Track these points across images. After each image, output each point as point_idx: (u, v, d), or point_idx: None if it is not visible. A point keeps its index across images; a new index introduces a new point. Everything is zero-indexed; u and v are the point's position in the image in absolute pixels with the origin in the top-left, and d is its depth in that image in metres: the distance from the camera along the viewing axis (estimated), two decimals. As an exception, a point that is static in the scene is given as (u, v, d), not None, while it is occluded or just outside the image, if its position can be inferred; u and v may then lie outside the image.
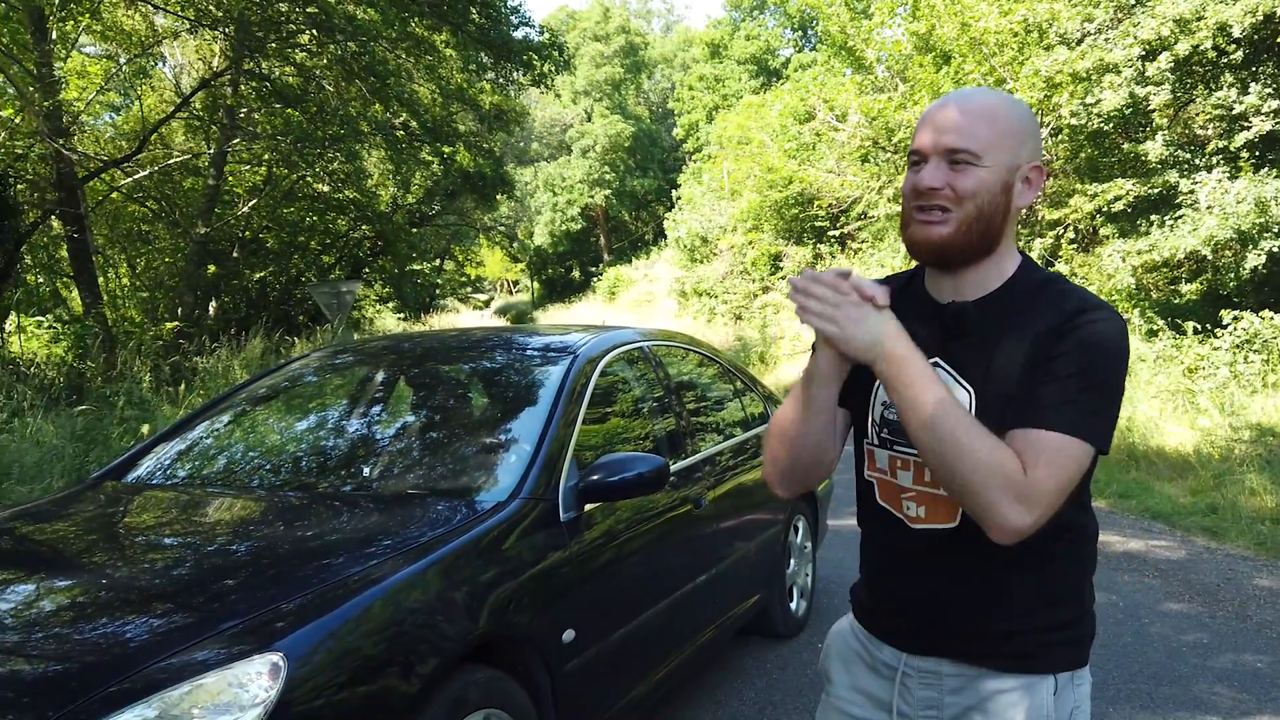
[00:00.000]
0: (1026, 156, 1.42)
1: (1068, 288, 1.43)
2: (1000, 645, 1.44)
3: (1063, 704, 1.44)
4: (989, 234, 1.41)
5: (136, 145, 14.87)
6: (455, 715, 2.10)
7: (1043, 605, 1.44)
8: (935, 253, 1.43)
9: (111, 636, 1.94)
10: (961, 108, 1.41)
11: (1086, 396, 1.33)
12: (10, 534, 2.64)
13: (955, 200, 1.38)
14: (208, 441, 3.35)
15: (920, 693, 1.50)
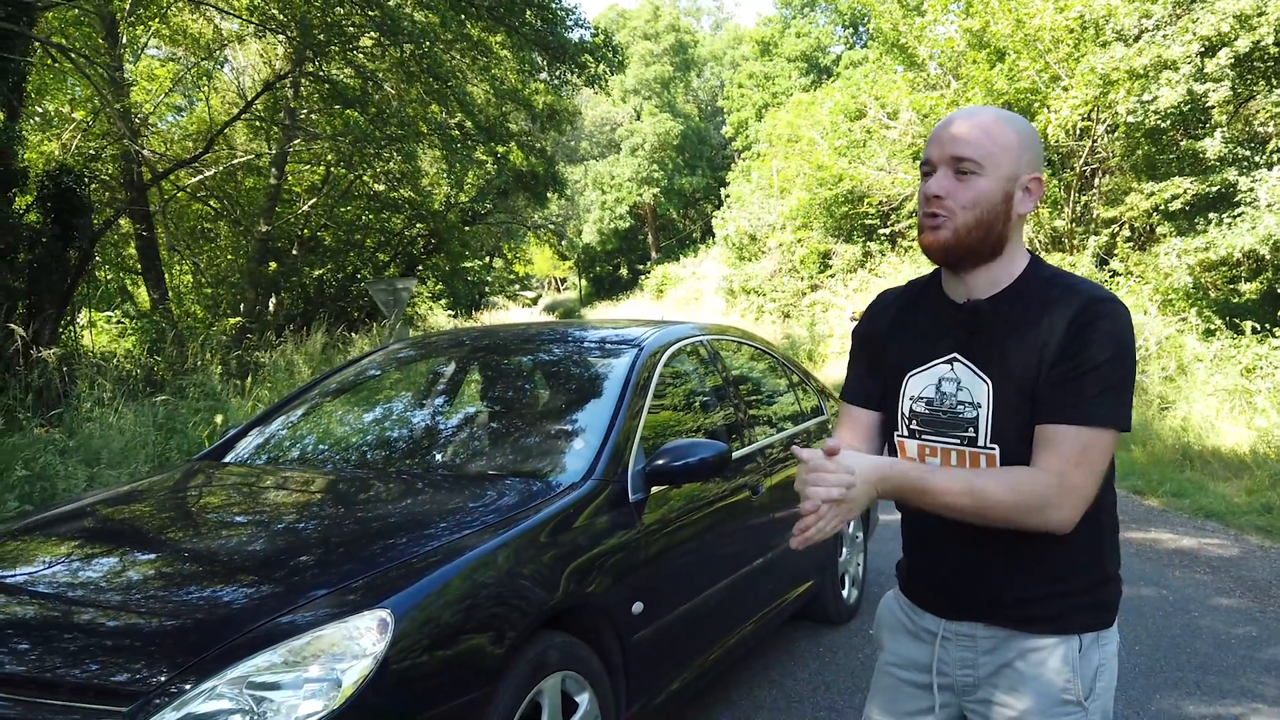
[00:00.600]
0: (1026, 168, 1.56)
1: (1074, 282, 1.57)
2: (1027, 609, 1.59)
3: (1087, 662, 1.58)
4: (990, 239, 1.56)
5: (203, 146, 15.36)
6: (537, 675, 2.28)
7: (1064, 572, 1.58)
8: (941, 255, 1.58)
9: (236, 595, 2.16)
10: (966, 122, 1.56)
11: (1109, 389, 1.49)
12: (130, 509, 2.89)
13: (956, 208, 1.54)
14: (301, 426, 3.59)
15: (957, 654, 1.65)
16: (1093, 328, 1.49)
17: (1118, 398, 1.49)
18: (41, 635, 2.08)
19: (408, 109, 13.74)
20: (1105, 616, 1.62)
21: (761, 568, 3.52)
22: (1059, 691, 1.56)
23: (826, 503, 1.43)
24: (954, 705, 1.68)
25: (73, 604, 2.19)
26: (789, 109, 31.27)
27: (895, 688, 1.74)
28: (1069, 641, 1.57)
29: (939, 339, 1.64)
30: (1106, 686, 1.61)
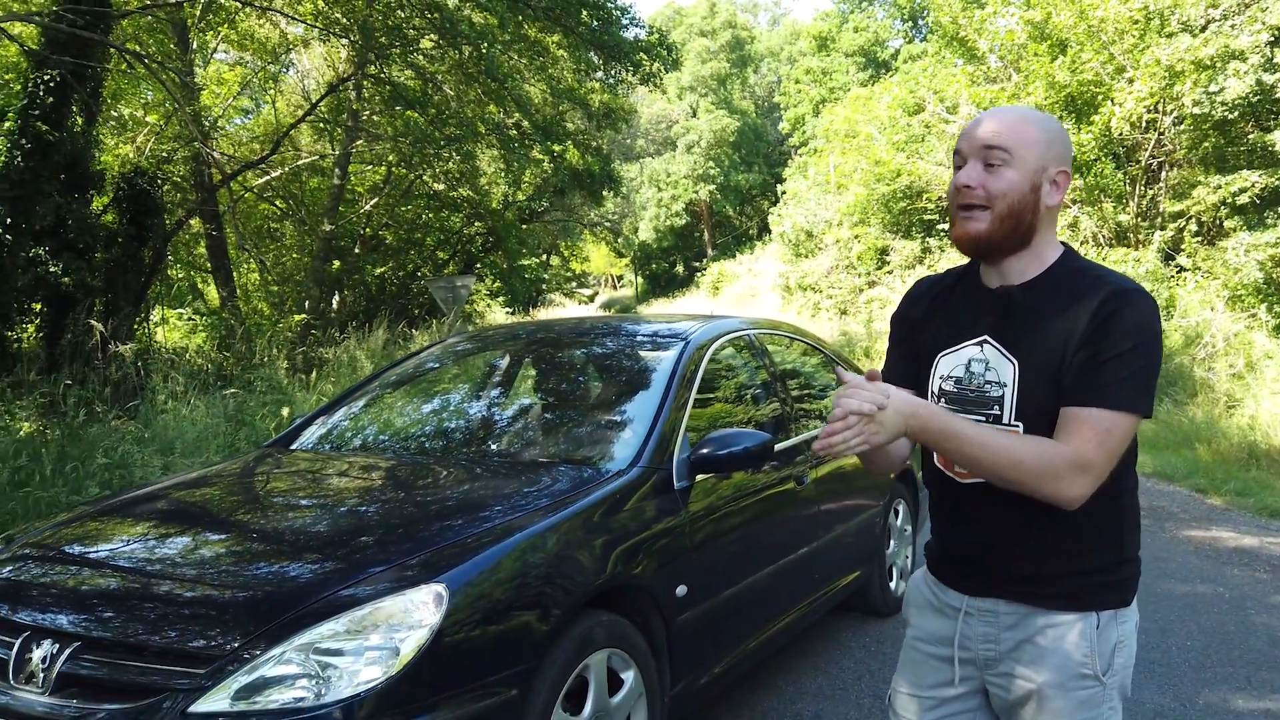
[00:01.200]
0: (1053, 161, 1.63)
1: (1103, 273, 1.63)
2: (1047, 587, 1.64)
3: (1105, 638, 1.63)
4: (1020, 229, 1.63)
5: (270, 148, 15.80)
6: (583, 652, 2.39)
7: (1084, 551, 1.63)
8: (974, 246, 1.65)
9: (302, 570, 2.31)
10: (995, 118, 1.64)
11: (1132, 376, 1.54)
12: (203, 492, 3.07)
13: (989, 199, 1.60)
14: (363, 416, 3.76)
15: (980, 629, 1.71)
16: (1117, 316, 1.55)
17: (1141, 384, 1.55)
18: (126, 604, 2.25)
19: (466, 109, 13.99)
20: (1124, 595, 1.67)
21: (806, 557, 3.59)
22: (1077, 665, 1.62)
23: (855, 415, 1.50)
24: (975, 679, 1.74)
25: (153, 576, 2.36)
26: (846, 104, 30.98)
27: (920, 661, 1.80)
28: (1088, 618, 1.63)
29: (972, 322, 1.71)
30: (1125, 663, 1.66)
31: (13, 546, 2.69)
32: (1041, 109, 15.78)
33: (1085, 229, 17.19)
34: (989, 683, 1.73)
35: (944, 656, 1.76)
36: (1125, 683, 1.68)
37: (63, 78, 8.81)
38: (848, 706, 3.47)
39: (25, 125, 8.88)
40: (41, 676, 2.10)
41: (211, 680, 1.98)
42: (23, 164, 8.91)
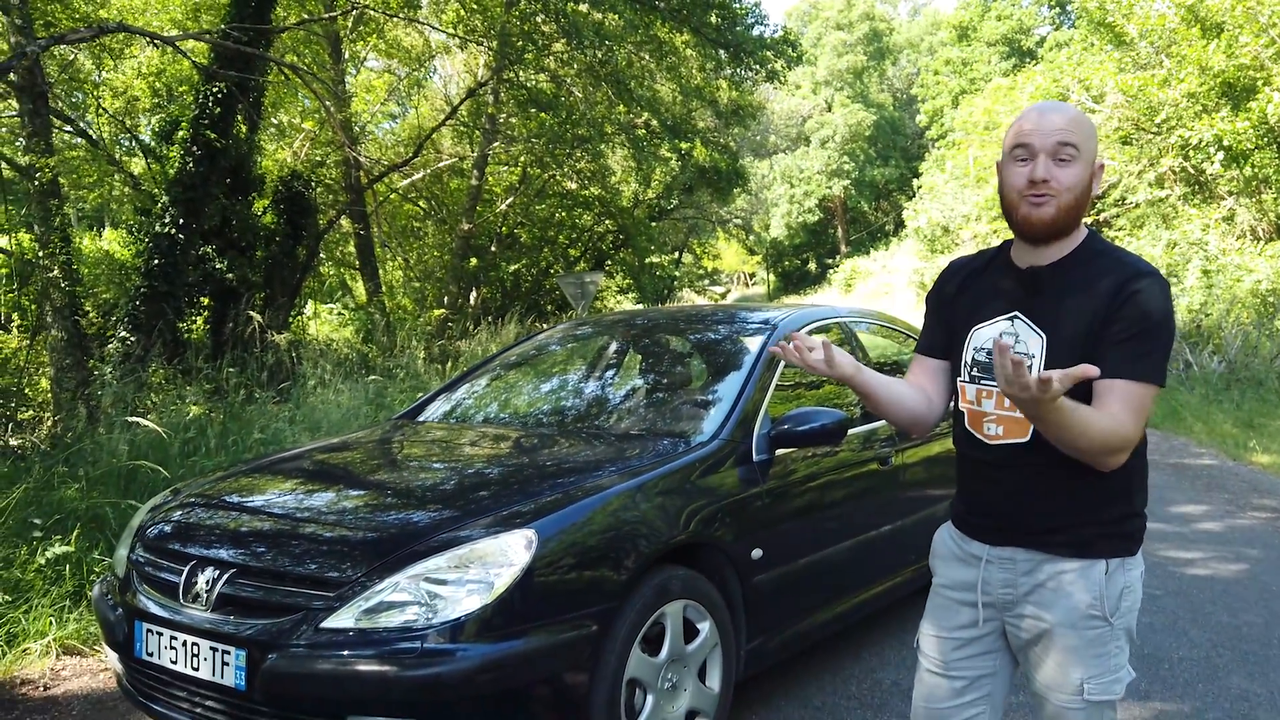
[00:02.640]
0: (1096, 154, 1.80)
1: (1122, 255, 1.80)
2: (1061, 536, 1.82)
3: (1113, 584, 1.80)
4: (1078, 215, 1.80)
5: (413, 151, 16.70)
6: (661, 600, 2.67)
7: (1096, 504, 1.80)
8: (1044, 230, 1.79)
9: (419, 516, 2.68)
10: (1061, 114, 1.78)
11: (1155, 351, 1.72)
12: (342, 455, 3.51)
13: (1058, 189, 1.76)
14: (482, 393, 4.17)
15: (999, 575, 1.89)
16: (1137, 296, 1.72)
17: (1161, 359, 1.73)
18: (273, 540, 2.67)
19: (595, 110, 14.45)
20: (1131, 545, 1.83)
21: (889, 534, 3.76)
22: (1086, 607, 1.80)
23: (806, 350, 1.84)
24: (996, 620, 1.93)
25: (295, 519, 2.78)
26: (986, 95, 30.13)
27: (946, 607, 2.00)
28: (1096, 565, 1.80)
29: (1004, 298, 1.89)
30: (1131, 607, 1.83)
31: (179, 496, 3.17)
32: (1194, 96, 15.02)
33: (1242, 222, 16.31)
34: (1007, 624, 1.92)
35: (968, 601, 1.95)
36: (1131, 625, 1.84)
37: (229, 90, 9.66)
38: (927, 678, 3.62)
39: (196, 134, 9.78)
40: (205, 597, 2.52)
41: (340, 602, 2.35)
42: (194, 169, 9.81)
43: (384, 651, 2.27)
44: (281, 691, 2.32)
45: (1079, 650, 1.81)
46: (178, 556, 2.71)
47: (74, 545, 4.19)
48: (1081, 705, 1.82)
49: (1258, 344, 12.66)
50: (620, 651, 2.53)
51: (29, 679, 3.63)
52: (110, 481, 4.91)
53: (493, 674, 2.29)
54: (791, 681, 3.57)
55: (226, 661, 2.39)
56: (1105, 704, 1.83)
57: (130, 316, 9.54)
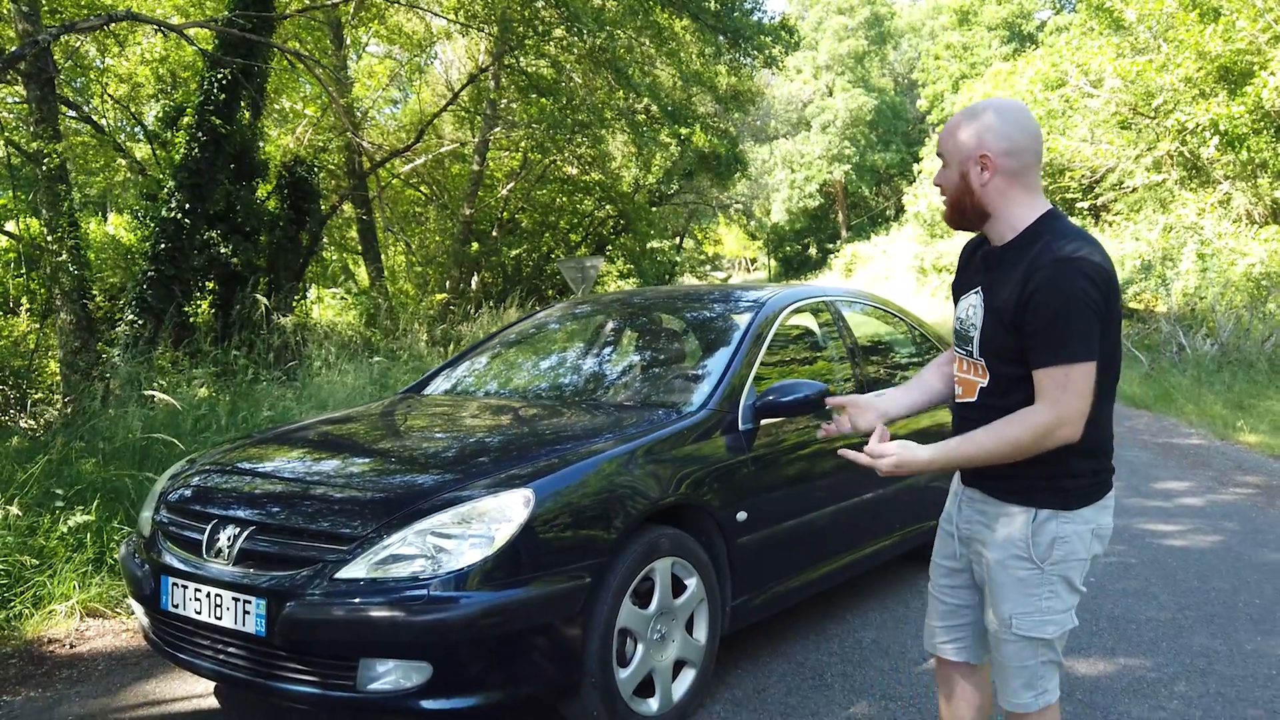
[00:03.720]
0: (974, 149, 1.98)
1: (1049, 242, 1.94)
2: (1005, 483, 2.03)
3: (1043, 532, 2.00)
4: (967, 211, 2.05)
5: (414, 136, 16.84)
6: (650, 556, 2.86)
7: (1034, 460, 1.97)
8: (947, 221, 2.14)
9: (425, 478, 2.87)
10: (948, 125, 2.06)
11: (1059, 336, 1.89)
12: (350, 425, 3.70)
13: (944, 190, 2.07)
14: (482, 368, 4.36)
15: (966, 511, 2.16)
16: (1039, 290, 1.90)
17: (1073, 338, 1.88)
18: (290, 500, 2.87)
19: (595, 96, 14.57)
20: (1066, 500, 2.00)
21: (871, 502, 3.94)
22: (1014, 547, 2.01)
23: None
24: (966, 555, 2.17)
25: (310, 481, 2.98)
26: (986, 80, 30.13)
27: (941, 536, 2.27)
28: (1028, 512, 2.01)
29: (976, 274, 2.12)
30: (1064, 557, 2.00)
31: (197, 465, 3.36)
32: (1192, 80, 15.05)
33: (1238, 205, 16.44)
34: (970, 558, 2.14)
35: (949, 532, 2.23)
36: (1069, 575, 2.02)
37: (233, 76, 9.81)
38: (905, 637, 3.82)
39: (201, 120, 9.94)
40: (227, 552, 2.72)
41: (353, 555, 2.55)
42: (199, 155, 9.98)
43: (393, 599, 2.46)
44: (299, 636, 2.51)
45: (1008, 586, 2.04)
46: (200, 516, 2.90)
47: (94, 515, 4.38)
48: (1011, 638, 2.04)
49: (1250, 326, 12.83)
50: (612, 603, 2.73)
51: (55, 638, 3.84)
52: (126, 455, 5.11)
53: (493, 619, 2.48)
54: (777, 639, 3.77)
55: (248, 610, 2.58)
56: (1036, 641, 2.03)
57: (138, 300, 9.73)
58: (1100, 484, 2.04)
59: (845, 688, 3.32)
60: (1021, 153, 1.98)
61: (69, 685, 3.44)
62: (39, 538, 4.20)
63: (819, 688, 3.32)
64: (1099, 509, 2.03)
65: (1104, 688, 3.31)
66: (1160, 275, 15.68)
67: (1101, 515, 2.04)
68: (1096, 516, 2.03)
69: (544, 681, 2.63)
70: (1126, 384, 12.34)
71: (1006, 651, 2.06)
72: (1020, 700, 2.07)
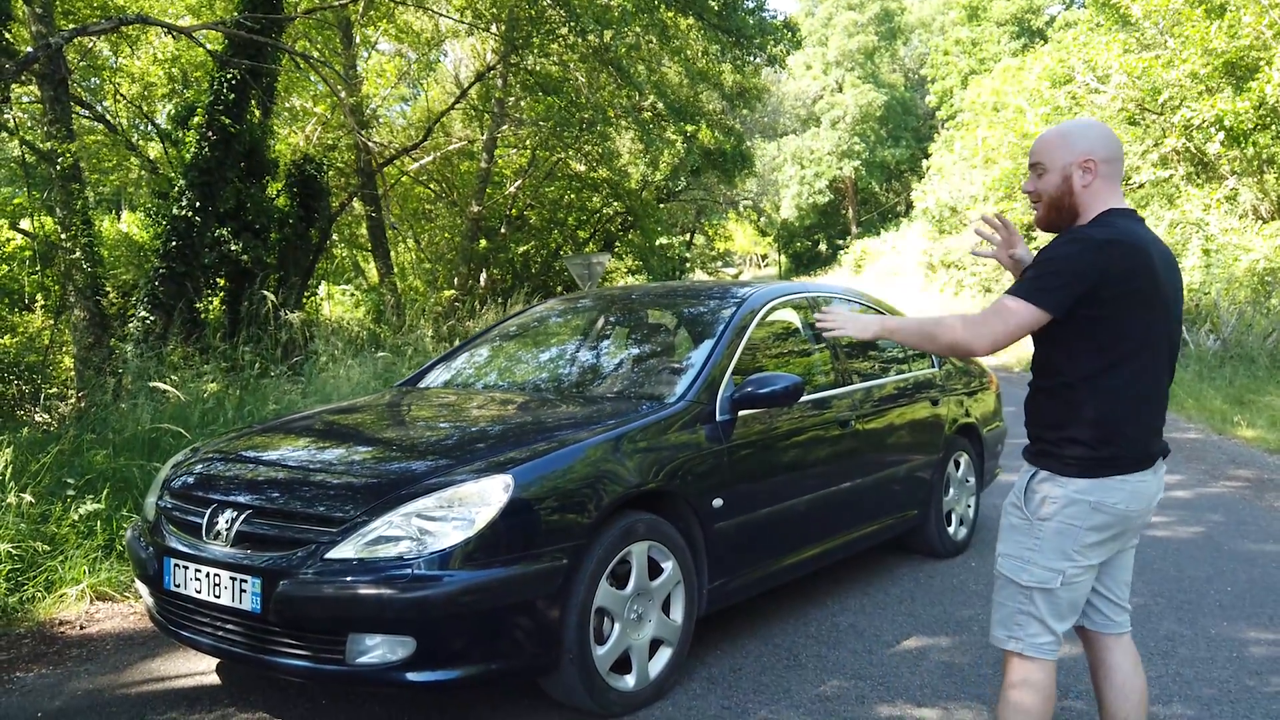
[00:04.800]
0: (1076, 155, 2.24)
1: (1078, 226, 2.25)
2: (1029, 448, 2.36)
3: (1036, 489, 2.27)
4: (1061, 212, 2.30)
5: (423, 134, 17.02)
6: (627, 540, 3.01)
7: (1044, 425, 2.30)
8: (1040, 226, 2.36)
9: (415, 465, 3.03)
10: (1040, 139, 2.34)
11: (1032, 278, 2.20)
12: (348, 416, 3.86)
13: (1037, 197, 2.32)
14: (477, 362, 4.53)
15: None
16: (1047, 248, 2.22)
17: (1033, 281, 2.18)
18: (284, 486, 3.03)
19: (601, 94, 14.70)
20: (1061, 465, 2.23)
21: (849, 491, 4.07)
22: (1015, 496, 2.34)
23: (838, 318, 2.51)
24: None
25: (304, 468, 3.14)
26: (995, 76, 30.11)
27: None
28: (1029, 471, 2.32)
29: None
30: (1053, 515, 2.23)
31: (199, 453, 3.53)
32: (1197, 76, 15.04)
33: (1244, 202, 16.44)
34: None
35: None
36: (1059, 539, 2.23)
37: (242, 76, 9.98)
38: (883, 622, 3.95)
39: (211, 120, 10.12)
40: (225, 535, 2.88)
41: (343, 536, 2.70)
42: (209, 154, 10.16)
43: (380, 577, 2.62)
44: (292, 613, 2.67)
45: (1004, 529, 2.37)
46: (200, 501, 3.06)
47: (104, 503, 4.56)
48: (997, 574, 2.37)
49: (1253, 322, 12.87)
50: (589, 583, 2.88)
51: (66, 620, 4.01)
52: (136, 446, 5.28)
53: (474, 596, 2.63)
54: (757, 622, 3.91)
55: (244, 589, 2.74)
56: (1015, 584, 2.30)
57: (149, 296, 9.93)
58: (1104, 461, 2.21)
59: (818, 667, 3.46)
60: (1115, 160, 2.26)
61: (78, 663, 3.61)
62: (51, 525, 4.37)
63: (793, 667, 3.46)
64: (1100, 485, 2.20)
65: (1066, 668, 3.43)
66: (1164, 271, 15.70)
67: (1105, 492, 2.21)
68: (1096, 491, 2.21)
69: (524, 657, 2.78)
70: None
71: (995, 586, 2.38)
72: (995, 634, 2.36)
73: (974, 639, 3.76)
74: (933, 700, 3.19)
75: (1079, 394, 2.21)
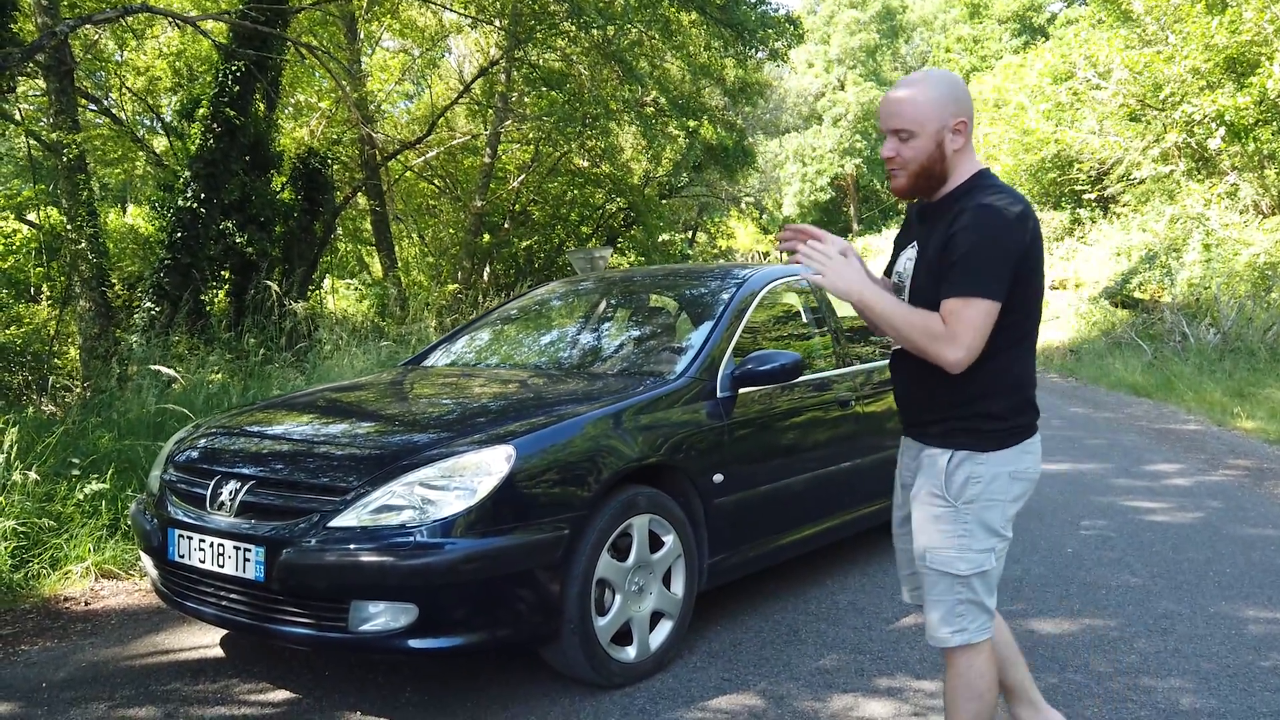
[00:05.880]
0: (950, 119, 2.10)
1: (978, 193, 2.10)
2: (930, 428, 2.21)
3: (958, 471, 2.14)
4: (932, 177, 2.15)
5: (426, 129, 17.04)
6: (628, 512, 3.04)
7: (949, 403, 2.15)
8: (902, 194, 2.19)
9: (418, 437, 3.06)
10: (893, 101, 2.13)
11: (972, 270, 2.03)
12: (353, 393, 3.90)
13: (903, 163, 2.12)
14: (480, 342, 4.57)
15: (905, 458, 2.36)
16: (961, 228, 2.06)
17: (979, 275, 2.02)
18: (288, 457, 3.07)
19: (603, 88, 14.72)
20: (981, 443, 2.14)
21: (849, 471, 4.10)
22: (934, 486, 2.17)
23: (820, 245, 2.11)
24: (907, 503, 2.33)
25: (307, 440, 3.18)
26: (996, 73, 30.09)
27: (896, 489, 2.44)
28: (946, 454, 2.17)
29: (912, 229, 2.30)
30: (978, 496, 2.13)
31: (201, 429, 3.56)
32: (1199, 72, 15.06)
33: (1245, 197, 16.45)
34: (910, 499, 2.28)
35: (901, 484, 2.40)
36: (987, 516, 2.14)
37: (247, 69, 10.01)
38: (882, 599, 3.97)
39: (216, 112, 10.16)
40: (229, 504, 2.91)
41: (346, 505, 2.73)
42: (214, 146, 10.20)
43: (383, 545, 2.65)
44: (295, 581, 2.70)
45: (924, 523, 2.19)
46: (204, 473, 3.10)
47: (109, 483, 4.59)
48: (926, 570, 2.19)
49: (1252, 316, 12.88)
50: (590, 554, 2.90)
51: (71, 597, 4.04)
52: (141, 429, 5.32)
53: (475, 564, 2.66)
54: (757, 599, 3.94)
55: (248, 558, 2.77)
56: (951, 576, 2.15)
57: (155, 287, 9.97)
58: (1018, 429, 2.16)
59: (818, 642, 3.49)
60: (971, 116, 2.13)
61: (83, 637, 3.64)
62: (56, 504, 4.41)
63: (792, 642, 3.49)
64: (1018, 452, 2.15)
65: (1066, 644, 3.46)
66: (1164, 266, 15.73)
67: (1021, 459, 2.16)
68: (1015, 460, 2.15)
69: (525, 625, 2.81)
70: (1128, 373, 12.43)
71: (926, 585, 2.21)
72: (937, 634, 2.19)
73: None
74: (931, 674, 3.21)
75: (999, 365, 2.11)
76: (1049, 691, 3.04)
